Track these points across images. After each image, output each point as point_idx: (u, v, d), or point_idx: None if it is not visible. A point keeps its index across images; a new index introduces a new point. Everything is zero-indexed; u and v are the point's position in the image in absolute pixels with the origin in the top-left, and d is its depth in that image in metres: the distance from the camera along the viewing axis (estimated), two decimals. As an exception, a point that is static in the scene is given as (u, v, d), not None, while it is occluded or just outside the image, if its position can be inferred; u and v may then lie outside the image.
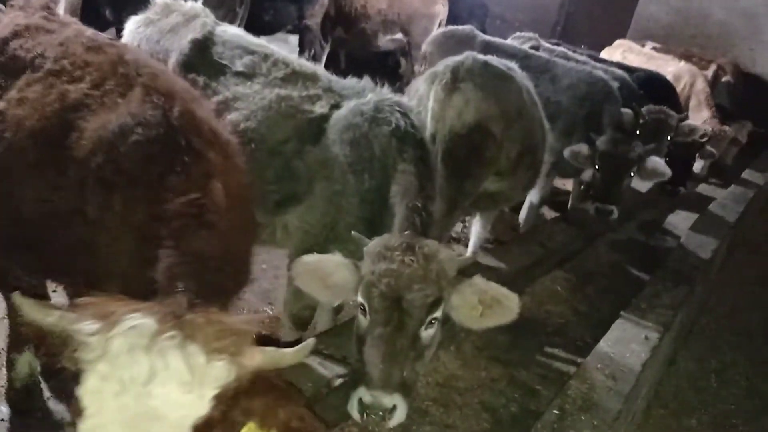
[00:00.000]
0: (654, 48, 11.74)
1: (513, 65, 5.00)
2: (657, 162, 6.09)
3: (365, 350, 2.71)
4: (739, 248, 8.01)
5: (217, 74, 3.64)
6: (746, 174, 9.59)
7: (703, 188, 9.70)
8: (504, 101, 4.32)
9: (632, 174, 6.08)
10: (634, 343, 3.88)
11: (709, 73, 11.27)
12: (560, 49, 8.40)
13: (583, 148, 6.08)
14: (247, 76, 3.63)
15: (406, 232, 3.06)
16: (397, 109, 3.40)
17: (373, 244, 2.88)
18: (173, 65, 3.66)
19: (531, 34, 8.63)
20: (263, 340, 1.82)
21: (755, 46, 14.37)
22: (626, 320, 4.13)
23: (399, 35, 12.78)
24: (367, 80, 3.64)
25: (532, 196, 6.80)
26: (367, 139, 3.37)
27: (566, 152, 6.06)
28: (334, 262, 2.89)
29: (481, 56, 4.53)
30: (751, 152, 10.97)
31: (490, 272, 4.70)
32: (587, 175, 6.76)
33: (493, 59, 4.69)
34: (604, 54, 11.18)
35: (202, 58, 3.69)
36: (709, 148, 8.40)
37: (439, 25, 12.72)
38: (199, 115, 2.27)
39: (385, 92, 3.53)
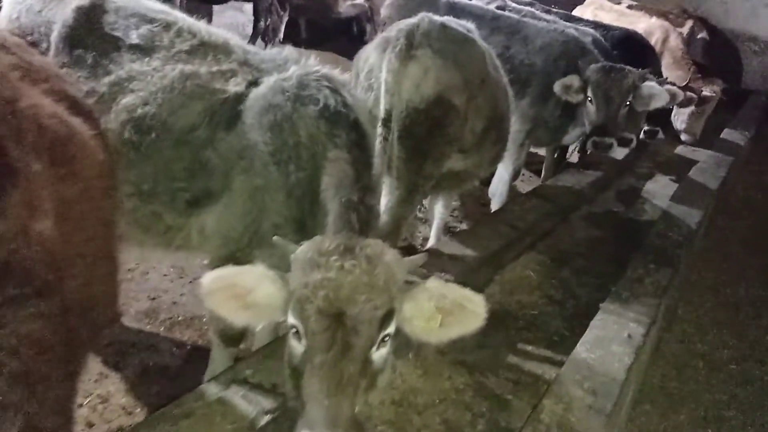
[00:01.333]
0: (629, 6, 11.11)
1: (471, 27, 4.37)
2: (653, 87, 5.63)
3: (303, 383, 2.08)
4: (721, 214, 7.53)
5: (109, 49, 2.97)
6: (726, 134, 9.09)
7: (681, 150, 9.22)
8: (466, 69, 3.71)
9: (628, 102, 5.62)
10: (616, 343, 3.35)
11: (685, 29, 10.68)
12: (528, 9, 7.75)
13: (575, 80, 5.58)
14: (144, 50, 2.97)
15: (342, 232, 2.48)
16: (326, 84, 2.78)
17: (303, 250, 2.27)
18: (55, 40, 2.99)
19: (495, -11, 7.94)
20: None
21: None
22: (607, 314, 3.59)
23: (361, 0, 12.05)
24: (290, 49, 3.00)
25: (504, 169, 6.24)
26: (290, 122, 2.75)
27: (556, 86, 5.57)
28: (254, 274, 2.26)
29: (437, 18, 3.90)
30: (726, 110, 10.52)
31: (453, 262, 4.13)
32: (571, 137, 6.22)
33: (450, 21, 4.06)
34: (576, 12, 10.57)
35: (89, 29, 3.01)
36: (688, 93, 7.84)
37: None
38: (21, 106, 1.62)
39: (312, 64, 2.90)
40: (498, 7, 7.56)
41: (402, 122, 3.56)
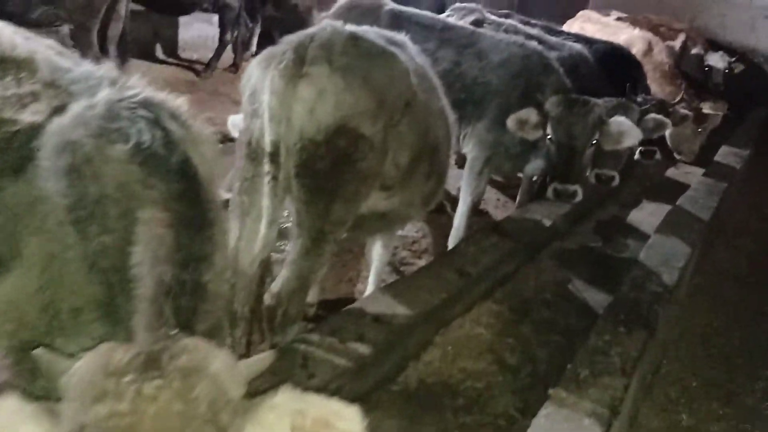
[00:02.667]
0: (619, 18, 10.35)
1: (403, 39, 3.58)
2: (622, 123, 4.82)
3: None
4: (714, 246, 6.69)
5: None
6: (721, 153, 8.26)
7: (673, 172, 8.42)
8: (381, 90, 2.91)
9: (594, 141, 4.83)
10: (565, 449, 2.54)
11: (677, 43, 9.91)
12: (509, 21, 6.99)
13: (531, 114, 4.79)
14: None
15: (152, 331, 1.72)
16: (143, 113, 1.97)
17: (81, 368, 1.53)
18: None
19: (473, 5, 7.22)
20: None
21: (726, 11, 13.06)
22: (555, 407, 2.76)
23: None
24: (108, 66, 2.21)
25: (462, 201, 5.45)
26: (92, 167, 1.95)
27: (510, 121, 4.79)
28: (10, 415, 1.49)
29: (347, 27, 3.11)
30: (726, 127, 9.73)
31: (377, 326, 3.32)
32: (532, 168, 5.41)
33: (367, 31, 3.27)
34: (565, 27, 9.83)
35: None
36: (682, 110, 7.04)
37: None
38: None
39: (133, 85, 2.10)
40: (476, 21, 6.84)
41: (297, 157, 2.77)
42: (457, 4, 7.26)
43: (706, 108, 8.58)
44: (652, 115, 5.56)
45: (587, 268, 5.08)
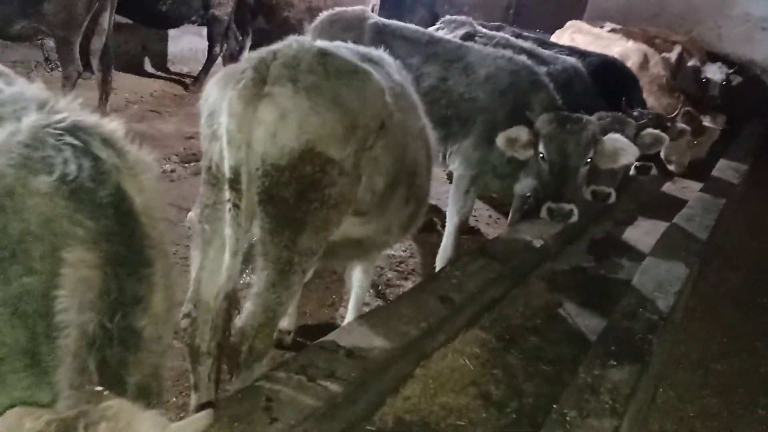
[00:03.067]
0: (613, 29, 10.19)
1: (381, 55, 3.40)
2: (617, 141, 4.64)
3: None
4: (711, 266, 6.48)
5: None
6: (719, 168, 8.06)
7: (669, 187, 8.23)
8: (351, 110, 2.71)
9: (588, 159, 4.65)
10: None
11: (673, 55, 9.74)
12: (500, 34, 6.81)
13: (522, 132, 4.61)
14: None
15: (74, 389, 1.53)
16: (71, 140, 1.78)
17: None
18: None
19: (464, 18, 7.06)
20: None
21: (723, 22, 12.88)
22: (538, 453, 2.55)
23: (327, 24, 11.07)
24: (37, 86, 2.01)
25: (449, 221, 5.25)
26: (13, 201, 1.75)
27: (499, 140, 4.61)
28: None
29: (315, 43, 2.92)
30: (723, 140, 9.55)
31: (351, 361, 3.10)
32: (522, 187, 5.21)
33: (339, 47, 3.10)
34: (554, 37, 9.68)
35: None
36: (680, 124, 6.84)
37: (373, 11, 11.15)
38: None
39: (64, 107, 1.91)
40: (467, 34, 6.68)
41: (260, 183, 2.57)
42: (448, 17, 7.10)
43: (706, 121, 8.41)
44: (649, 131, 5.37)
45: (579, 291, 4.87)
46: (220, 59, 10.23)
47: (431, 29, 7.15)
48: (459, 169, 5.15)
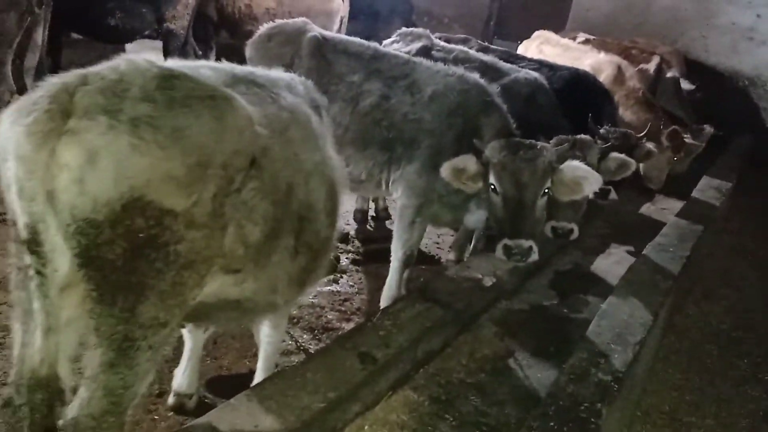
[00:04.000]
0: (586, 40, 9.68)
1: (272, 75, 2.85)
2: (578, 169, 4.08)
3: None
4: (689, 298, 5.93)
5: None
6: (701, 187, 7.50)
7: (647, 209, 7.67)
8: (199, 147, 2.11)
9: (546, 190, 4.10)
10: None
11: (651, 66, 9.22)
12: (459, 47, 6.28)
13: (469, 162, 4.06)
14: None
15: None
16: None
17: None
18: None
19: (421, 30, 6.53)
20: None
21: (708, 32, 12.42)
22: None
23: (293, 37, 10.55)
24: None
25: (393, 255, 4.70)
26: None
27: (444, 170, 4.09)
28: None
29: (159, 63, 2.35)
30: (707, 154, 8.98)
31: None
32: (475, 220, 4.66)
33: (200, 67, 2.54)
34: (522, 48, 9.19)
35: None
36: (646, 144, 6.28)
37: (341, 23, 10.67)
38: None
39: None
40: (422, 48, 6.16)
41: (75, 243, 2.00)
42: (404, 29, 6.57)
43: (689, 139, 7.87)
44: (614, 155, 4.81)
45: (536, 336, 4.29)
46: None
47: (387, 42, 6.65)
48: (402, 198, 4.60)
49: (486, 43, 7.45)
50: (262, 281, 2.54)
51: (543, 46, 9.09)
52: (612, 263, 5.80)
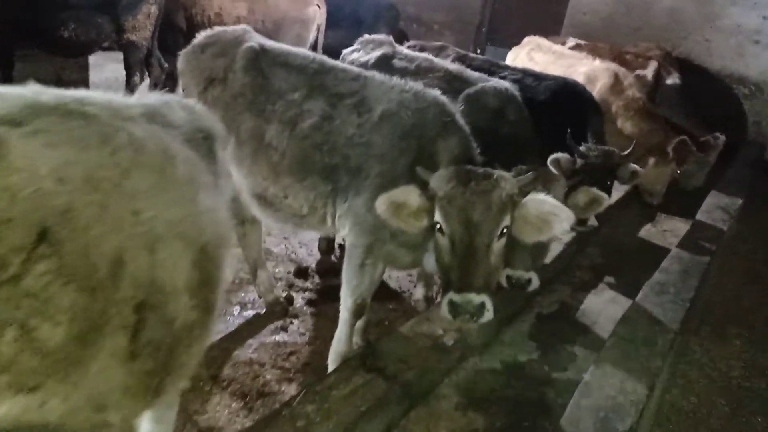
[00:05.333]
0: (577, 45, 8.90)
1: (123, 100, 2.08)
2: (544, 203, 3.27)
3: None
4: (697, 335, 5.13)
5: None
6: (706, 207, 6.69)
7: (647, 232, 6.87)
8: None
9: (504, 230, 3.26)
10: None
11: (649, 72, 8.43)
12: (423, 55, 5.51)
13: (411, 195, 3.29)
14: None
15: None
16: None
17: None
18: None
19: (383, 37, 5.76)
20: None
21: (711, 36, 11.61)
22: None
23: (268, 47, 9.82)
24: None
25: (342, 304, 3.95)
26: None
27: (379, 205, 3.30)
28: None
29: None
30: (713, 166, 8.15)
31: None
32: (433, 264, 3.86)
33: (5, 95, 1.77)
34: (511, 55, 8.42)
35: None
36: (631, 166, 5.46)
37: (317, 31, 9.94)
38: None
39: None
40: (383, 56, 5.40)
41: None
42: (366, 36, 5.81)
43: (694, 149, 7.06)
44: (584, 189, 3.99)
45: (508, 406, 3.51)
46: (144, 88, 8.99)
47: (346, 51, 5.91)
48: (350, 236, 3.83)
49: (465, 52, 6.67)
50: (76, 399, 1.77)
51: (533, 53, 8.32)
52: (606, 302, 5.01)
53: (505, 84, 4.85)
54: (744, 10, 11.23)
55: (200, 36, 4.51)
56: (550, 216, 3.24)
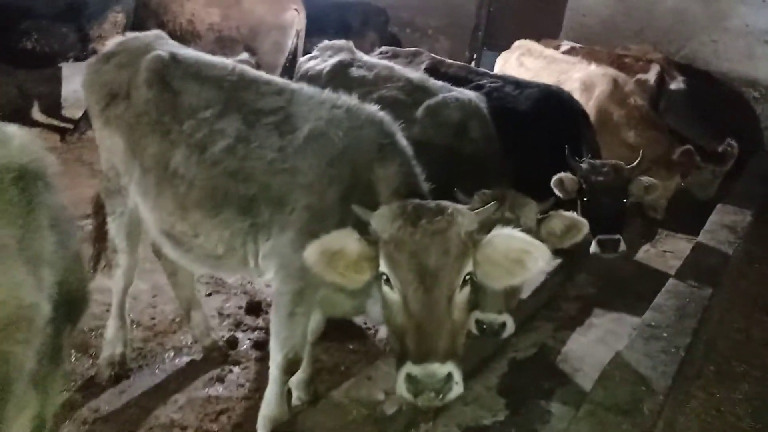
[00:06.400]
0: (572, 48, 8.22)
1: None
2: (512, 238, 2.62)
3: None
4: (701, 377, 4.44)
5: None
6: (710, 228, 5.97)
7: (646, 254, 6.19)
8: None
9: (467, 277, 2.59)
10: None
11: (651, 76, 7.74)
12: (384, 62, 4.92)
13: (348, 241, 2.64)
14: None
15: None
16: None
17: None
18: None
19: (343, 43, 5.14)
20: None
21: (718, 36, 10.88)
22: None
23: (245, 55, 9.36)
24: None
25: (271, 361, 3.33)
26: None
27: (309, 256, 2.64)
28: None
29: None
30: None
31: None
32: (377, 313, 3.21)
33: None
34: (500, 61, 7.78)
35: None
36: (645, 179, 4.80)
37: (297, 37, 9.34)
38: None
39: None
40: (339, 64, 4.80)
41: None
42: (325, 42, 5.20)
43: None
44: (560, 214, 3.35)
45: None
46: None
47: (303, 59, 5.31)
48: (276, 280, 3.20)
49: (441, 58, 6.04)
50: None
51: (524, 59, 7.66)
52: (593, 342, 4.35)
53: (470, 95, 4.22)
54: (753, 9, 10.49)
55: (109, 44, 3.89)
56: (522, 254, 2.60)
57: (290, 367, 3.30)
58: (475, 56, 13.08)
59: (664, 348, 3.48)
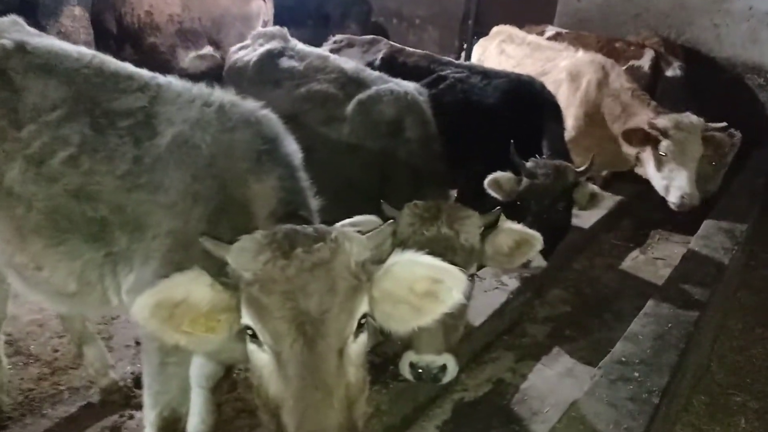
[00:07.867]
0: (557, 34, 7.46)
1: None
2: (415, 267, 1.97)
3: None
4: (681, 420, 3.73)
5: None
6: (705, 233, 5.19)
7: (633, 264, 5.46)
8: None
9: (363, 320, 1.91)
10: None
11: (644, 62, 6.97)
12: (318, 51, 4.25)
13: (198, 288, 1.94)
14: None
15: None
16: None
17: None
18: None
19: (276, 30, 4.48)
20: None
21: (720, 20, 10.10)
22: None
23: (209, 49, 8.71)
24: None
25: (145, 418, 2.67)
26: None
27: (138, 310, 1.94)
28: None
29: None
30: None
31: None
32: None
33: None
34: (478, 49, 7.07)
35: None
36: (591, 187, 4.05)
37: (265, 26, 8.67)
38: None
39: None
40: (268, 54, 4.15)
41: None
42: (259, 30, 4.55)
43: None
44: (506, 227, 2.65)
45: None
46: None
47: (234, 48, 4.65)
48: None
49: (402, 46, 5.34)
50: None
51: (505, 45, 6.91)
52: (559, 376, 3.65)
53: (407, 87, 3.52)
54: (757, -10, 9.72)
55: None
56: (431, 284, 1.93)
57: (167, 427, 2.63)
58: (465, 46, 12.35)
59: (633, 394, 2.78)
